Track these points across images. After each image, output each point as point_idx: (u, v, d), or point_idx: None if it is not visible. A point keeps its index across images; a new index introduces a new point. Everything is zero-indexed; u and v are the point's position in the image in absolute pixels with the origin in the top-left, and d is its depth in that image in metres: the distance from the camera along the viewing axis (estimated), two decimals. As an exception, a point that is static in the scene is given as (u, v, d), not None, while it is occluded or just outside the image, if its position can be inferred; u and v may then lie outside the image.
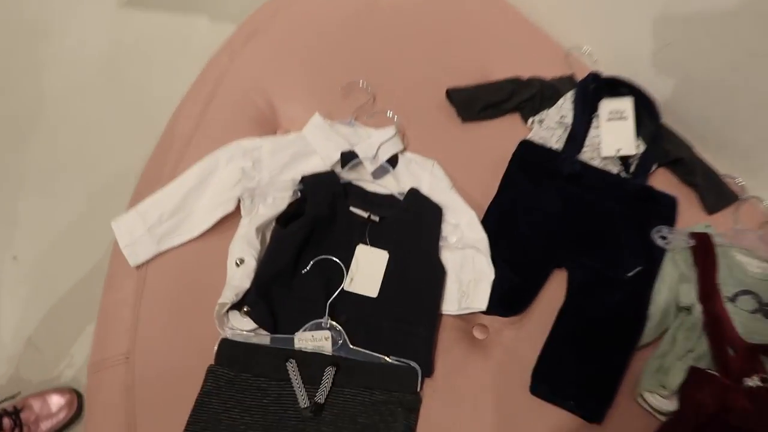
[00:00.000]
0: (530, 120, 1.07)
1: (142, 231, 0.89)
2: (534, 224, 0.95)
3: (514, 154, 1.01)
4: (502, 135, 1.05)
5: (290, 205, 0.91)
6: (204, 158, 0.94)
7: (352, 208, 0.93)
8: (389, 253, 0.89)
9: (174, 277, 0.88)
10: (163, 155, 0.98)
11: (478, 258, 0.89)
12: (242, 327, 0.83)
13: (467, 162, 1.02)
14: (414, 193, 0.93)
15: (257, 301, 0.83)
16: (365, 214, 0.92)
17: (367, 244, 0.89)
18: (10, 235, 1.43)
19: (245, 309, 0.83)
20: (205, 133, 0.99)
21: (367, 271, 0.87)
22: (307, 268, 0.86)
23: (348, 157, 0.96)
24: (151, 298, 0.87)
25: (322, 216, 0.89)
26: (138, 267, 0.89)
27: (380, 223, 0.91)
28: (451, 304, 0.88)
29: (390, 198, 0.94)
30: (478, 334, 0.91)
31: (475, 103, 1.07)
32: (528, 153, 1.02)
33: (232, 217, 0.92)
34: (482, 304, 0.87)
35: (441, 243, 0.91)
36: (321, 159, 0.97)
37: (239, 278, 0.84)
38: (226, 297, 0.82)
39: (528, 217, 0.95)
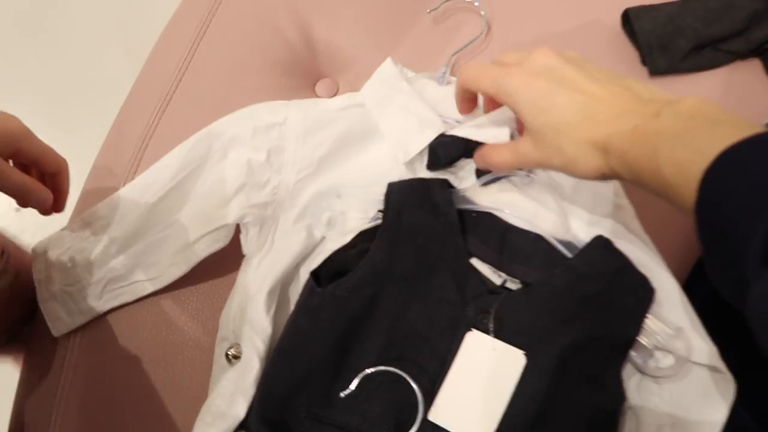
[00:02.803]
0: (785, 73, 0.57)
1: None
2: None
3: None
4: (729, 100, 0.57)
5: (347, 247, 0.49)
6: (186, 141, 0.53)
7: (475, 261, 0.49)
8: (527, 356, 0.45)
9: (115, 373, 0.50)
10: (122, 137, 0.58)
11: (687, 390, 0.44)
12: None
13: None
14: (602, 247, 0.46)
15: (261, 432, 0.44)
16: (499, 278, 0.49)
17: (488, 332, 0.46)
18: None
19: (243, 439, 0.45)
20: (190, 93, 0.57)
21: (477, 387, 0.45)
22: (352, 386, 0.45)
23: (443, 151, 0.51)
24: (73, 412, 0.49)
25: (406, 270, 0.47)
26: (61, 341, 0.52)
27: (519, 296, 0.47)
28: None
29: (543, 246, 0.49)
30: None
31: (678, 38, 0.57)
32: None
33: (228, 258, 0.52)
34: None
35: (637, 358, 0.46)
36: (389, 148, 0.53)
37: (230, 391, 0.45)
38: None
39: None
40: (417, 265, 0.47)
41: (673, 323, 0.45)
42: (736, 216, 0.27)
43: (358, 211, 0.50)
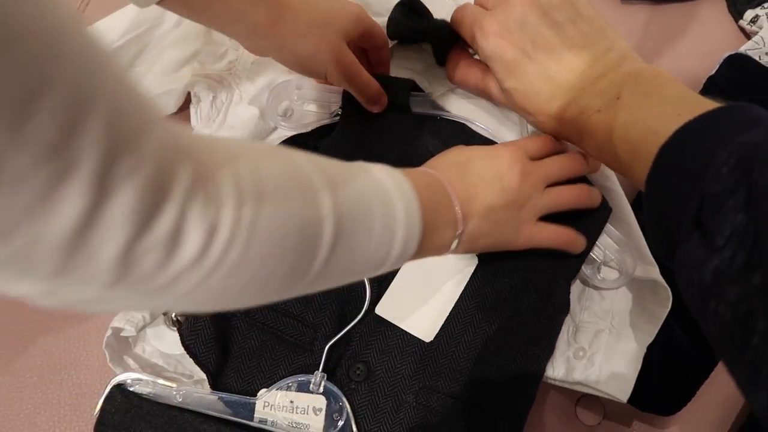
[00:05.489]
0: (748, 14, 0.58)
1: None
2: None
3: (712, 80, 0.55)
4: (690, 34, 0.58)
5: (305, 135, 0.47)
6: None
7: None
8: (480, 263, 0.45)
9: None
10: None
11: (626, 301, 0.46)
12: (163, 348, 0.43)
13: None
14: None
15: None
16: None
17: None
18: None
19: (174, 315, 0.43)
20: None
21: (425, 287, 0.45)
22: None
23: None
24: None
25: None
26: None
27: None
28: (553, 368, 0.46)
29: None
30: (585, 416, 0.51)
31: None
32: (737, 79, 0.54)
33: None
34: (621, 389, 0.45)
35: (586, 270, 0.46)
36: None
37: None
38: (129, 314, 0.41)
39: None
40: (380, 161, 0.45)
41: (621, 239, 0.46)
42: (678, 190, 0.30)
43: (319, 107, 0.47)
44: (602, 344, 0.45)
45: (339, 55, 0.42)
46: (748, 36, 0.58)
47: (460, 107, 0.49)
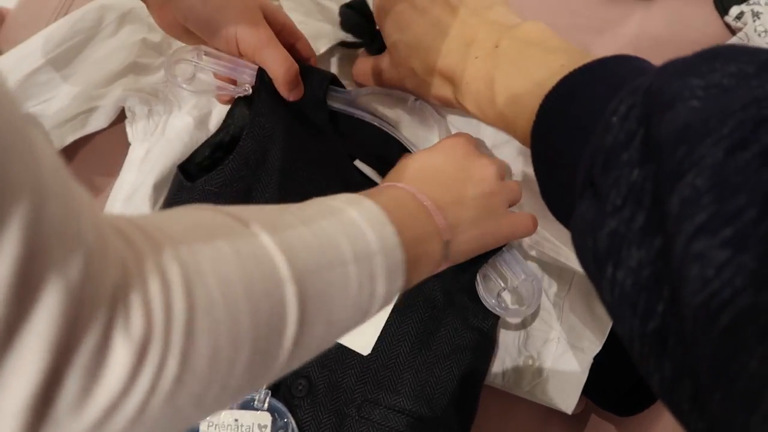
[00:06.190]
0: (733, 10, 0.54)
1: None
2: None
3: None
4: (676, 30, 0.55)
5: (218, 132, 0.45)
6: (75, 12, 0.46)
7: (357, 163, 0.47)
8: None
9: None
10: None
11: (575, 305, 0.45)
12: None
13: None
14: None
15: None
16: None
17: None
18: None
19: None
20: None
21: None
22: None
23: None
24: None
25: (285, 162, 0.43)
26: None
27: None
28: (503, 375, 0.46)
29: None
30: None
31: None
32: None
33: (111, 148, 0.47)
34: (566, 402, 0.44)
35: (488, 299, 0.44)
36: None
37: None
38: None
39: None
40: (297, 157, 0.44)
41: (528, 269, 0.44)
42: (566, 143, 0.27)
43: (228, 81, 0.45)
44: (551, 354, 0.45)
45: (252, 17, 0.38)
46: (733, 32, 0.55)
47: (383, 112, 0.47)
